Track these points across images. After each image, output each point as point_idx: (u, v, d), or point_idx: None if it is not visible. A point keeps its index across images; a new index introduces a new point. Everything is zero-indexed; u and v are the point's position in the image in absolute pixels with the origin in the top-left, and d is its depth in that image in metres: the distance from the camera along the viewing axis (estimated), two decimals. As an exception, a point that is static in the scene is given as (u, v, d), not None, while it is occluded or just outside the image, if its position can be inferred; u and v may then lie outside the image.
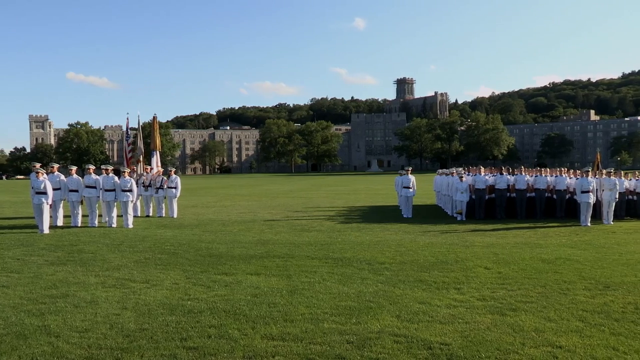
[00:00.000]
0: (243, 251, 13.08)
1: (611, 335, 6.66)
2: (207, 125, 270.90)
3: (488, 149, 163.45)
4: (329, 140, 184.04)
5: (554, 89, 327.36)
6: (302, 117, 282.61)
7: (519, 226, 18.24)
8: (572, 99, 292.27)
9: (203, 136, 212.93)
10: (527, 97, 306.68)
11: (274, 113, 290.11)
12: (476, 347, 6.20)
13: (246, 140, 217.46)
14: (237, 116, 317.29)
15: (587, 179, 18.97)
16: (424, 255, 12.40)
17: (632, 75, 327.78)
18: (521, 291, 8.84)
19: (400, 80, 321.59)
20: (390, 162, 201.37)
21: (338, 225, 18.84)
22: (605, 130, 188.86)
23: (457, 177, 20.81)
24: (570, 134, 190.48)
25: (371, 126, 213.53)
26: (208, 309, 7.76)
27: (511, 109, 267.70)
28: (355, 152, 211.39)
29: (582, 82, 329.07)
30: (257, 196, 39.14)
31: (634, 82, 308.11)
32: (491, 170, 24.04)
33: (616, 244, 14.35)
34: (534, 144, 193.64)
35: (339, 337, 6.58)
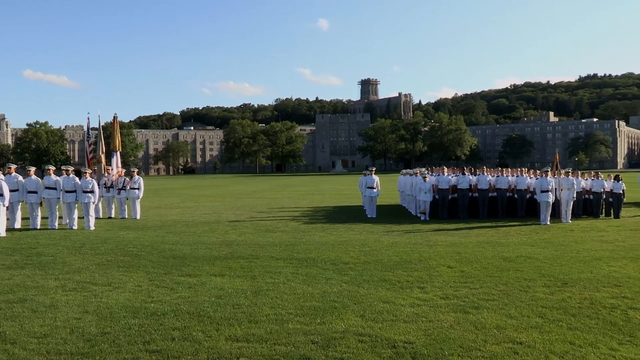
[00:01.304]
0: (207, 252, 12.97)
1: (568, 330, 6.84)
2: (170, 126, 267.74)
3: (451, 150, 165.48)
4: (293, 140, 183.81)
5: (514, 90, 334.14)
6: (267, 117, 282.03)
7: (481, 225, 18.53)
8: (532, 100, 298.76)
9: (166, 136, 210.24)
10: (489, 99, 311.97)
11: (239, 113, 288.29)
12: (439, 345, 6.28)
13: (210, 141, 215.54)
14: (201, 116, 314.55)
15: (546, 179, 19.39)
16: (388, 254, 12.49)
17: (588, 78, 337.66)
18: (483, 289, 8.99)
19: (365, 81, 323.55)
20: (354, 163, 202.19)
21: (302, 226, 18.84)
22: (563, 132, 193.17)
23: (421, 177, 21.01)
24: (531, 134, 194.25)
25: (336, 127, 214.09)
26: (171, 311, 7.68)
27: (473, 110, 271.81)
28: (319, 153, 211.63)
29: (542, 85, 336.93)
30: (222, 197, 38.87)
31: (589, 85, 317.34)
32: (454, 171, 24.33)
33: (574, 241, 14.71)
34: (495, 145, 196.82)
35: (304, 337, 6.58)
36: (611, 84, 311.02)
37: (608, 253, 12.71)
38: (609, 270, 10.62)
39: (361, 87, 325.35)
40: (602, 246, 13.83)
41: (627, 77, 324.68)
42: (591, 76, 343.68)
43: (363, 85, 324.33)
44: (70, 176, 18.67)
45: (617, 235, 15.95)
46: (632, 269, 10.70)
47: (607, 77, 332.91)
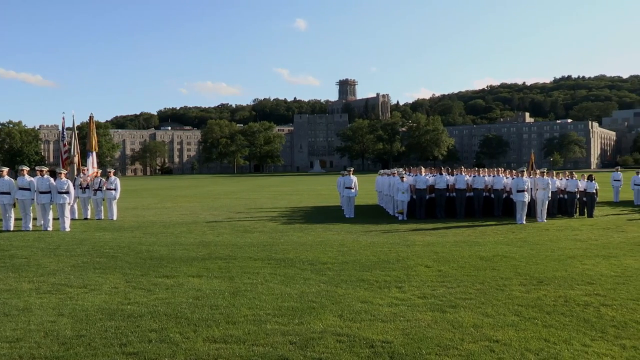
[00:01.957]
0: (184, 253, 12.89)
1: (543, 328, 6.94)
2: (147, 126, 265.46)
3: (429, 150, 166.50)
4: (271, 141, 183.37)
5: (491, 91, 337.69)
6: (245, 117, 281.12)
7: (458, 225, 18.68)
8: (508, 101, 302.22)
9: (144, 136, 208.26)
10: (466, 99, 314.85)
11: (216, 113, 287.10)
12: (417, 344, 6.32)
13: (188, 141, 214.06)
14: (179, 116, 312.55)
15: (522, 179, 19.62)
16: (366, 254, 12.53)
17: (563, 80, 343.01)
18: (460, 288, 9.07)
19: (343, 81, 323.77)
20: (332, 163, 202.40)
21: (281, 226, 18.82)
22: (539, 132, 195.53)
23: (398, 177, 21.11)
24: (507, 135, 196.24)
25: (314, 127, 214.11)
26: (149, 313, 7.62)
27: (451, 111, 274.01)
28: (298, 153, 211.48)
29: (518, 86, 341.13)
30: (199, 197, 38.64)
31: (564, 86, 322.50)
32: (431, 171, 24.50)
33: (549, 240, 14.91)
34: (472, 145, 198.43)
35: (282, 337, 6.58)
36: (585, 86, 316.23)
37: (582, 251, 12.91)
38: (582, 268, 10.80)
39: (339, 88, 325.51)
40: (576, 245, 14.05)
41: (599, 79, 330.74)
42: (565, 78, 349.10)
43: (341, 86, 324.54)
44: (45, 177, 18.41)
45: (590, 234, 16.21)
46: (605, 267, 10.88)
47: (580, 79, 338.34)
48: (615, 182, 30.41)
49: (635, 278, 9.84)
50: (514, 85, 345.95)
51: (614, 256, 12.24)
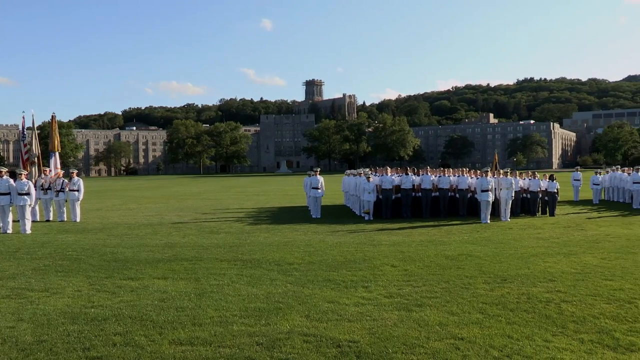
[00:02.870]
0: (150, 255, 12.75)
1: (507, 325, 7.07)
2: (112, 126, 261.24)
3: (395, 150, 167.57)
4: (238, 141, 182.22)
5: (456, 92, 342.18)
6: (211, 117, 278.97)
7: (424, 224, 18.87)
8: (473, 102, 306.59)
9: (108, 137, 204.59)
10: (431, 100, 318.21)
11: (182, 113, 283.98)
12: (383, 343, 6.37)
13: (153, 141, 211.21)
14: (144, 116, 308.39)
15: (486, 179, 19.92)
16: (333, 254, 12.58)
17: (525, 82, 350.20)
18: (426, 287, 9.17)
19: (309, 81, 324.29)
20: (299, 163, 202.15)
21: (247, 227, 18.75)
22: (502, 133, 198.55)
23: (365, 177, 21.21)
24: (472, 135, 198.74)
25: (280, 127, 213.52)
26: (113, 316, 7.51)
27: (416, 112, 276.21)
28: (264, 153, 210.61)
29: (482, 87, 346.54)
30: (165, 198, 38.22)
31: (527, 88, 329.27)
32: (397, 171, 24.68)
33: (512, 239, 15.18)
34: (438, 145, 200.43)
35: (249, 339, 6.56)
36: (546, 88, 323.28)
37: (544, 249, 13.19)
38: (544, 266, 11.03)
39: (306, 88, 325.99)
40: (539, 243, 14.34)
41: (560, 81, 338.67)
42: (528, 80, 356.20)
43: (308, 86, 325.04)
44: (4, 178, 17.96)
45: (552, 233, 16.56)
46: (566, 264, 11.14)
47: (542, 81, 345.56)
48: (575, 182, 31.11)
49: (594, 274, 10.10)
50: (479, 86, 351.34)
51: (574, 254, 12.53)
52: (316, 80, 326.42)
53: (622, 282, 9.50)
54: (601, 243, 14.25)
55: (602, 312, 7.62)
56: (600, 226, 18.16)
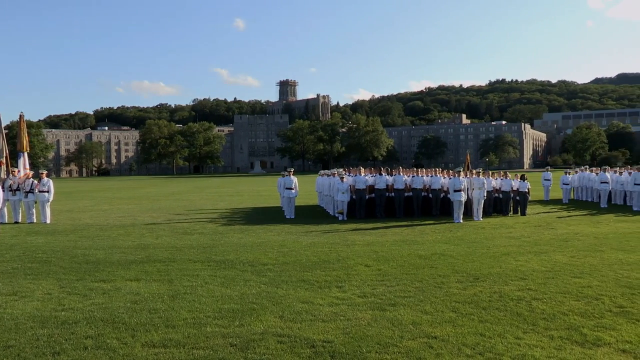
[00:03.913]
0: (122, 256, 12.60)
1: (479, 323, 7.16)
2: (83, 126, 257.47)
3: (368, 150, 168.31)
4: (211, 141, 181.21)
5: (429, 93, 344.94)
6: (184, 117, 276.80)
7: (397, 224, 18.98)
8: (446, 103, 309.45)
9: (79, 137, 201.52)
10: (404, 101, 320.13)
11: (155, 113, 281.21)
12: (357, 343, 6.40)
13: (125, 142, 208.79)
14: (116, 116, 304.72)
15: (459, 179, 20.11)
16: (307, 255, 12.59)
17: (497, 83, 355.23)
18: (400, 287, 9.23)
19: (283, 82, 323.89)
20: (273, 164, 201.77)
21: (221, 228, 18.66)
22: (475, 133, 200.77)
23: (338, 177, 21.26)
24: (445, 136, 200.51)
25: (254, 127, 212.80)
26: (84, 319, 7.41)
27: (390, 112, 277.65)
28: (238, 154, 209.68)
29: (455, 88, 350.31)
30: (137, 199, 37.81)
31: (498, 89, 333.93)
32: (371, 171, 24.79)
33: (485, 238, 15.36)
34: (411, 146, 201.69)
35: (222, 340, 6.54)
36: (518, 89, 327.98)
37: (515, 248, 13.37)
38: (516, 264, 11.19)
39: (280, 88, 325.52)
40: (510, 242, 14.53)
41: (531, 83, 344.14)
42: (500, 81, 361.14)
43: (281, 86, 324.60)
44: (-28, 179, 17.59)
45: (523, 232, 16.80)
46: (536, 263, 11.31)
47: (514, 83, 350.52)
48: (545, 182, 31.60)
49: (563, 272, 10.28)
50: (451, 87, 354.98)
51: (544, 252, 12.74)
52: (290, 80, 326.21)
53: (590, 279, 9.70)
54: (570, 242, 14.51)
55: (571, 309, 7.77)
56: (570, 225, 18.48)
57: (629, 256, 12.13)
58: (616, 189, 26.77)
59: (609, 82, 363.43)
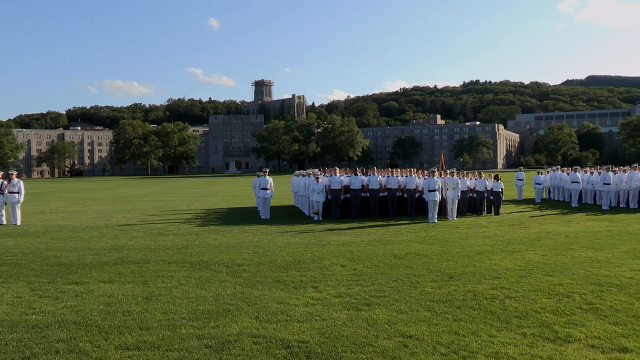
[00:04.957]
0: (95, 258, 12.45)
1: (454, 322, 7.23)
2: (55, 125, 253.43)
3: (344, 151, 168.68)
4: (186, 141, 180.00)
5: (404, 94, 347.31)
6: (159, 117, 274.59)
7: (372, 224, 19.06)
8: (420, 104, 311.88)
9: (51, 137, 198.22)
10: (380, 101, 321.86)
11: (129, 113, 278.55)
12: (333, 343, 6.42)
13: (99, 142, 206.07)
14: (89, 116, 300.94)
15: (433, 179, 20.26)
16: (282, 255, 12.57)
17: (471, 84, 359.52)
18: (375, 286, 9.28)
19: (259, 82, 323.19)
20: (248, 164, 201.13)
21: (195, 228, 18.54)
22: (449, 134, 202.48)
23: (314, 178, 21.27)
24: (419, 136, 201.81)
25: (229, 128, 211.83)
26: (56, 323, 7.30)
27: (365, 113, 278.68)
28: (213, 154, 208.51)
29: (430, 89, 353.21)
30: (111, 200, 37.36)
31: (472, 90, 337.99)
32: (346, 171, 24.85)
33: (459, 238, 15.50)
34: (386, 146, 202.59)
35: (197, 342, 6.50)
36: (491, 90, 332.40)
37: (489, 247, 13.52)
38: (489, 263, 11.32)
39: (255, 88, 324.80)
40: (484, 241, 14.69)
41: (504, 84, 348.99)
42: (474, 82, 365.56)
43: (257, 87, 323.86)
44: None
45: (497, 231, 17.00)
46: (510, 262, 11.46)
47: (487, 84, 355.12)
48: (518, 182, 32.00)
49: (536, 271, 10.44)
50: (426, 88, 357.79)
51: (517, 251, 12.91)
52: (265, 80, 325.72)
53: (562, 277, 9.86)
54: (543, 240, 14.73)
55: (543, 307, 7.89)
56: (542, 224, 18.75)
57: (598, 254, 12.37)
58: (587, 188, 27.23)
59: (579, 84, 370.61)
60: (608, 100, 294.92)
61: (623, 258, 11.86)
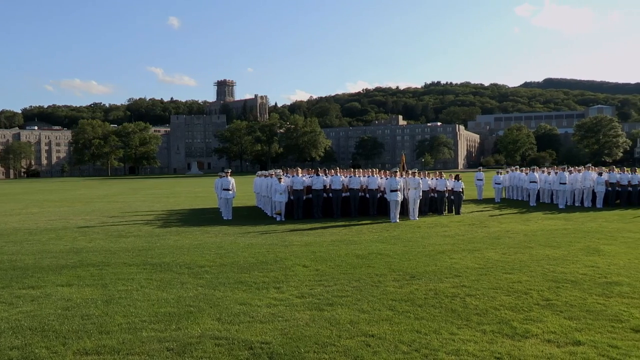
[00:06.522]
0: (53, 261, 12.18)
1: (415, 320, 7.32)
2: (10, 125, 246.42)
3: (306, 151, 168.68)
4: (147, 142, 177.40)
5: (366, 95, 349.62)
6: (119, 117, 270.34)
7: (335, 224, 19.11)
8: (382, 104, 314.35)
9: (6, 136, 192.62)
10: (342, 102, 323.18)
11: (89, 113, 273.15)
12: (295, 343, 6.42)
13: (57, 142, 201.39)
14: (46, 115, 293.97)
15: (395, 179, 20.43)
16: (244, 256, 12.52)
17: (432, 85, 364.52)
18: (337, 286, 9.31)
19: (221, 82, 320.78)
20: (210, 165, 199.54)
21: (157, 230, 18.30)
22: (411, 134, 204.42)
23: (276, 178, 21.23)
24: (382, 137, 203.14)
25: (191, 128, 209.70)
26: (10, 329, 7.11)
27: (328, 113, 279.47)
28: (174, 155, 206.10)
29: (392, 90, 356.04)
30: (70, 201, 36.57)
31: (433, 91, 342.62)
32: (309, 172, 24.86)
33: (420, 237, 15.67)
34: (349, 146, 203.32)
35: (159, 345, 6.42)
36: (452, 91, 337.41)
37: (450, 246, 13.72)
38: (450, 262, 11.48)
39: (217, 89, 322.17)
40: (445, 240, 14.89)
41: (465, 85, 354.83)
42: (435, 83, 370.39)
43: (219, 87, 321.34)
44: None
45: (457, 230, 17.25)
46: (470, 260, 11.65)
47: (448, 85, 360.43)
48: (478, 182, 32.52)
49: (495, 269, 10.64)
50: (388, 89, 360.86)
51: (477, 250, 13.13)
52: (228, 80, 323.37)
53: (520, 275, 10.07)
54: (502, 239, 15.01)
55: (502, 304, 8.04)
56: (502, 223, 19.10)
57: (555, 252, 12.68)
58: (544, 188, 27.85)
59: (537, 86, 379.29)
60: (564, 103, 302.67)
61: (578, 255, 12.19)
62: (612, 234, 15.79)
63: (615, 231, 16.50)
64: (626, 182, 25.95)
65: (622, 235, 15.51)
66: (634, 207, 24.78)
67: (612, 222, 19.09)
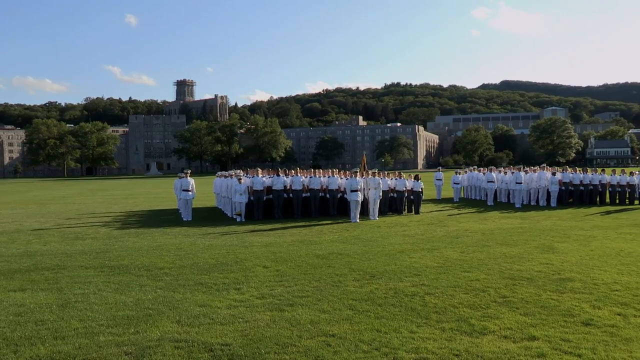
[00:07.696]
0: (5, 265, 11.83)
1: (376, 319, 7.37)
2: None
3: (267, 152, 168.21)
4: (105, 142, 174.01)
5: (327, 95, 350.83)
6: (76, 117, 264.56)
7: (295, 225, 19.11)
8: (343, 105, 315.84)
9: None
10: (302, 102, 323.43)
11: (43, 112, 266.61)
12: (256, 345, 6.40)
13: (10, 142, 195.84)
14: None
15: (355, 179, 20.54)
16: (204, 257, 12.41)
17: (392, 86, 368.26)
18: (298, 287, 9.32)
19: (180, 82, 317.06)
20: (170, 165, 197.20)
21: (115, 232, 17.98)
22: (371, 135, 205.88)
23: (236, 179, 21.11)
24: (342, 137, 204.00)
25: (150, 128, 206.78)
26: (-39, 334, 6.88)
27: (288, 113, 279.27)
28: (133, 155, 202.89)
29: (352, 91, 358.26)
30: (23, 203, 35.58)
31: (394, 92, 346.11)
32: (269, 172, 24.80)
33: (380, 237, 15.80)
34: (309, 147, 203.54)
35: (117, 349, 6.31)
36: (412, 92, 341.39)
37: (410, 246, 13.87)
38: (410, 261, 11.61)
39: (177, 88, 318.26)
40: (405, 240, 15.05)
41: (424, 87, 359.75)
42: (395, 84, 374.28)
43: (178, 86, 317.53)
44: None
45: (417, 229, 17.45)
46: (429, 259, 11.80)
47: (408, 86, 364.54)
48: (437, 182, 32.97)
49: (454, 267, 10.81)
50: (348, 90, 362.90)
51: (436, 249, 13.31)
52: (187, 80, 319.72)
53: (478, 273, 10.26)
54: (460, 238, 15.26)
55: (461, 302, 8.18)
56: (460, 222, 19.42)
57: (511, 250, 12.97)
58: (501, 187, 28.41)
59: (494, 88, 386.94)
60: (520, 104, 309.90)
61: (533, 253, 12.50)
62: (565, 232, 16.24)
63: (568, 229, 16.97)
64: (578, 182, 26.82)
65: (574, 233, 15.96)
66: (586, 205, 25.60)
67: (566, 220, 19.63)
